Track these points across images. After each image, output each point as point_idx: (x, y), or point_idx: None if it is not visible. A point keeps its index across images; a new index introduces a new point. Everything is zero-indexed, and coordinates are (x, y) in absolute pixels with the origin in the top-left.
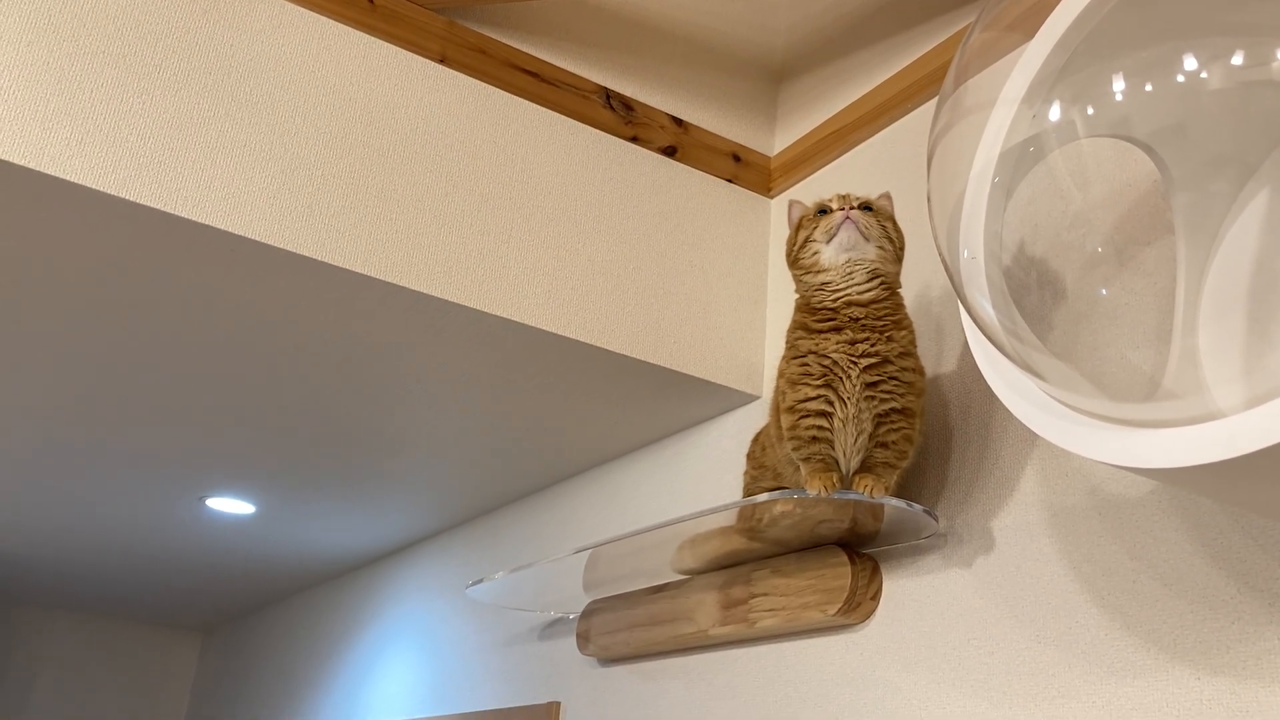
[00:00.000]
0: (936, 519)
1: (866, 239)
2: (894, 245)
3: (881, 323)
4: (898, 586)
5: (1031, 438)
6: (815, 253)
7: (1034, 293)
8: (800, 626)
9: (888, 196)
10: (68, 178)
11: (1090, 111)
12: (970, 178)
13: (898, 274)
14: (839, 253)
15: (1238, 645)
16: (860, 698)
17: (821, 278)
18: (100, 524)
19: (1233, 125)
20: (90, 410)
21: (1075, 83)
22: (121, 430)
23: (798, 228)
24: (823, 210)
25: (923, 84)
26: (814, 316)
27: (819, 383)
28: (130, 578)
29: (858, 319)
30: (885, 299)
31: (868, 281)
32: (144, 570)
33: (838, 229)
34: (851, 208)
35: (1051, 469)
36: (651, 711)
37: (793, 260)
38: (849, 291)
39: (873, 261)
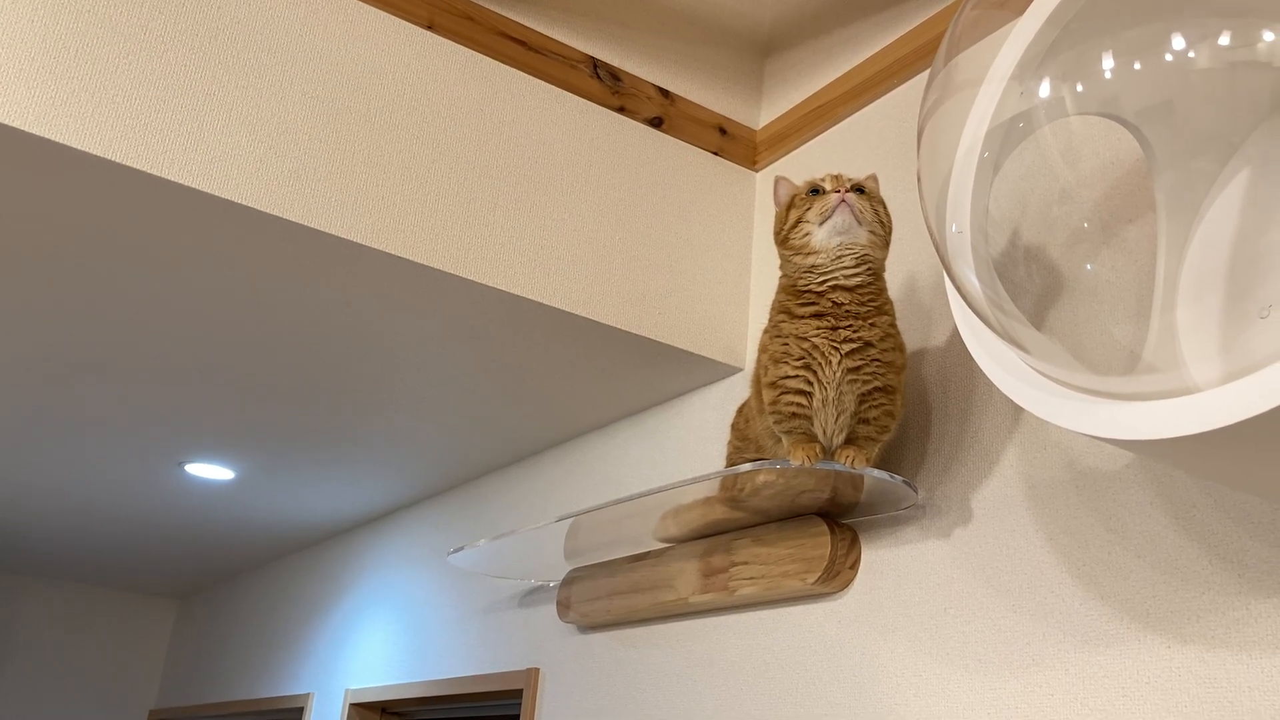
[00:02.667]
0: (916, 490)
1: (860, 223)
2: (884, 229)
3: (865, 308)
4: (876, 556)
5: (1011, 412)
6: (807, 234)
7: (1020, 267)
8: (780, 595)
9: (874, 178)
10: (51, 138)
11: (1080, 89)
12: (959, 153)
13: (884, 259)
14: (831, 236)
15: (1208, 615)
16: (838, 665)
17: (811, 260)
18: (77, 490)
19: (1218, 105)
20: (68, 374)
21: (1065, 60)
22: (100, 395)
23: (789, 206)
24: (815, 190)
25: (909, 60)
26: (798, 300)
27: (799, 364)
28: (107, 544)
29: (841, 304)
30: (870, 284)
31: (855, 267)
32: (121, 536)
33: (833, 212)
34: (846, 190)
35: (1030, 442)
36: (630, 678)
37: (782, 240)
38: (836, 276)
39: (864, 247)
